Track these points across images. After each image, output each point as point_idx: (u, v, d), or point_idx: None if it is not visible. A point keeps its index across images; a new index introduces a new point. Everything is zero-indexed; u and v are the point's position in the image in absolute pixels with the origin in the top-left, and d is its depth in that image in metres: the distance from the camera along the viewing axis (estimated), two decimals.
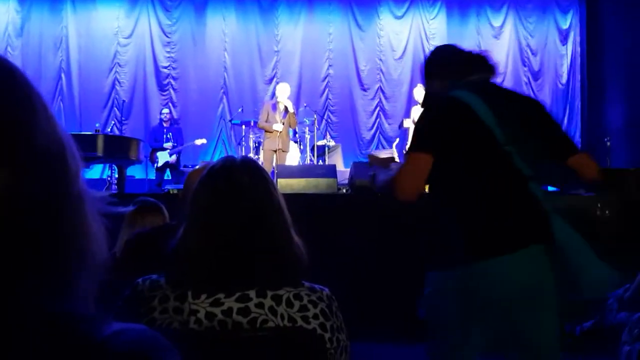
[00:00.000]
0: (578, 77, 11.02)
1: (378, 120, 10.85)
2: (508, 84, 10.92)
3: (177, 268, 1.35)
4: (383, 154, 3.95)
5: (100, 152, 6.56)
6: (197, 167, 2.31)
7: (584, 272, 1.83)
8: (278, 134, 7.51)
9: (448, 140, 1.92)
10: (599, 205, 5.00)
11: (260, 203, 1.38)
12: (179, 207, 2.29)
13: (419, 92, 8.24)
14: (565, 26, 11.11)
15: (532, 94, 10.88)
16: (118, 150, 6.78)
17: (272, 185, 1.45)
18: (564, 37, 11.08)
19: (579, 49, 11.03)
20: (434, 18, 10.95)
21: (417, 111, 8.24)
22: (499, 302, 1.83)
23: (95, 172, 9.26)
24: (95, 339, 0.53)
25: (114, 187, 7.66)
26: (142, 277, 1.40)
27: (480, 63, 2.15)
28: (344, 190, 6.53)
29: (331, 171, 6.21)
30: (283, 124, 7.51)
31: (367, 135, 10.81)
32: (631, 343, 3.15)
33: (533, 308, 1.84)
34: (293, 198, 5.43)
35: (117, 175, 7.33)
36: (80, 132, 8.05)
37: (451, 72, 2.09)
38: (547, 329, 1.88)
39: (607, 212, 5.04)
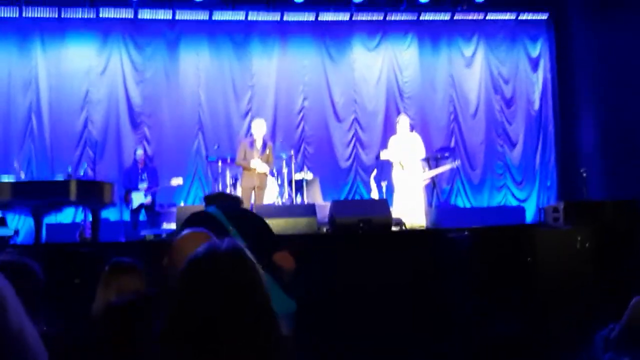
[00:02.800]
0: (550, 103, 11.20)
1: (355, 150, 10.86)
2: (481, 112, 11.07)
3: None
4: None
5: (73, 198, 6.40)
6: (184, 234, 2.22)
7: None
8: (256, 171, 7.46)
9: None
10: (578, 238, 5.02)
11: (244, 297, 1.36)
12: (161, 275, 2.22)
13: (403, 122, 8.22)
14: (535, 54, 11.32)
15: (505, 121, 11.04)
16: (91, 194, 6.61)
17: (257, 276, 1.41)
18: (534, 64, 11.29)
19: (549, 76, 11.24)
20: (406, 49, 11.07)
21: (396, 142, 8.23)
22: None
23: (67, 216, 9.04)
24: None
25: (88, 231, 7.48)
26: None
27: (226, 195, 4.14)
28: (324, 230, 6.46)
29: (310, 210, 6.14)
30: (261, 158, 7.48)
31: (345, 165, 10.81)
32: None
33: None
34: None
35: (90, 219, 7.15)
36: (53, 175, 7.90)
37: (210, 200, 3.60)
38: None
39: (586, 244, 5.06)
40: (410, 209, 7.77)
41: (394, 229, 6.53)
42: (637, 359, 3.10)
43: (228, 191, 8.81)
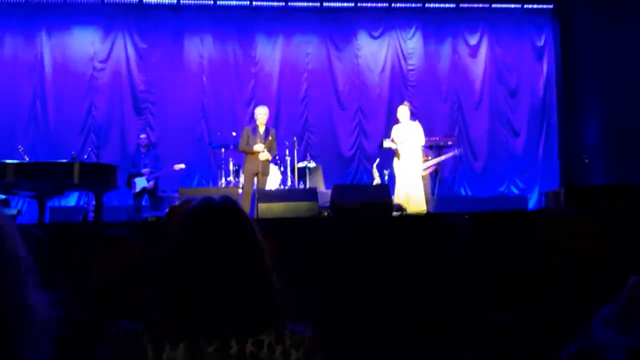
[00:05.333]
0: (554, 93, 11.16)
1: (358, 139, 10.86)
2: (485, 101, 11.04)
3: (155, 317, 1.33)
4: None
5: (76, 180, 6.42)
6: (179, 202, 2.27)
7: None
8: (259, 157, 7.46)
9: None
10: (579, 223, 5.01)
11: (238, 247, 1.37)
12: (161, 240, 2.24)
13: (403, 111, 8.20)
14: (540, 44, 11.27)
15: (509, 111, 11.01)
16: (95, 178, 6.64)
17: (251, 228, 1.43)
18: (539, 54, 11.24)
19: (554, 66, 11.19)
20: (410, 38, 11.04)
21: (396, 130, 8.22)
22: None
23: (71, 199, 9.09)
24: None
25: (91, 214, 7.52)
26: (118, 326, 1.37)
27: None
28: (325, 214, 6.48)
29: (311, 194, 6.16)
30: (264, 144, 7.48)
31: (348, 153, 10.80)
32: None
33: None
34: (273, 223, 5.37)
35: (94, 203, 7.20)
36: (57, 159, 7.89)
37: None
38: None
39: (587, 229, 5.05)
40: (412, 197, 7.76)
41: (395, 214, 6.54)
42: (633, 338, 3.11)
43: (231, 177, 8.84)
